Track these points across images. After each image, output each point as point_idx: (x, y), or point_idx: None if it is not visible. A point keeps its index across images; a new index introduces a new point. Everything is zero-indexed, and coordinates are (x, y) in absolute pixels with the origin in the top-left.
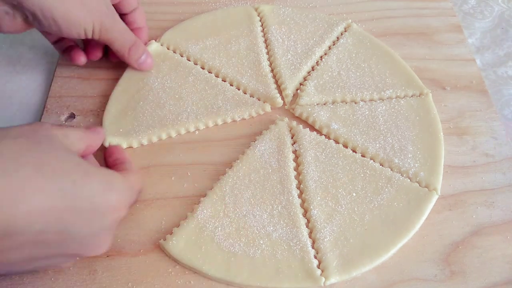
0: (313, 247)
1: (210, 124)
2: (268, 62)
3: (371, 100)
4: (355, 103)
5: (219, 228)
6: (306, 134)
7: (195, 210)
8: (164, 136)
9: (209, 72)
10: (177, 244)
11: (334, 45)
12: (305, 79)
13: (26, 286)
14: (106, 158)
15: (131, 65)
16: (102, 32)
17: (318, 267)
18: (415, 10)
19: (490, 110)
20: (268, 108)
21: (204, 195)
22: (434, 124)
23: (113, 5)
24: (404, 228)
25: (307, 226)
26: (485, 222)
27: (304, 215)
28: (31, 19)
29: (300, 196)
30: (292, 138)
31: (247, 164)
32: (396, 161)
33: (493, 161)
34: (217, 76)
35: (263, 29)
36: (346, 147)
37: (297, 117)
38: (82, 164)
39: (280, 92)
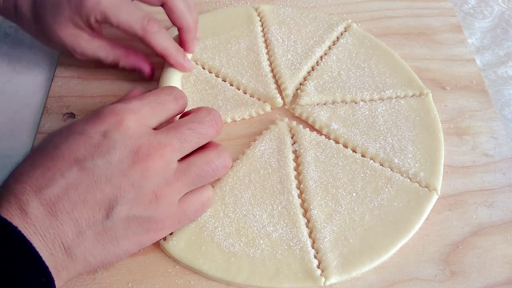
0: (313, 247)
1: None
2: (268, 62)
3: (371, 100)
4: (355, 103)
5: (219, 228)
6: (306, 134)
7: None
8: None
9: (209, 72)
10: (177, 244)
11: (334, 45)
12: (305, 79)
13: None
14: None
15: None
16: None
17: (318, 267)
18: (415, 10)
19: (490, 110)
20: (268, 108)
21: None
22: (434, 124)
23: None
24: (404, 228)
25: (307, 226)
26: (485, 222)
27: (304, 215)
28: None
29: (300, 196)
30: (292, 138)
31: (247, 164)
32: (396, 161)
33: (493, 161)
34: (217, 76)
35: (263, 29)
36: (346, 147)
37: (297, 117)
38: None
39: (280, 92)
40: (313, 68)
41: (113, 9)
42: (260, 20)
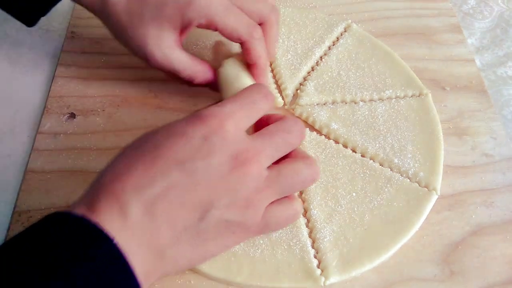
0: (313, 247)
1: None
2: (268, 62)
3: (371, 100)
4: (355, 103)
5: None
6: (306, 134)
7: None
8: None
9: None
10: None
11: (334, 45)
12: (305, 79)
13: None
14: None
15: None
16: None
17: (318, 266)
18: (415, 10)
19: (489, 110)
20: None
21: None
22: (434, 124)
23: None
24: (404, 228)
25: (307, 226)
26: (484, 222)
27: (304, 215)
28: None
29: (300, 196)
30: None
31: None
32: (396, 161)
33: (493, 161)
34: None
35: None
36: (346, 147)
37: (297, 117)
38: None
39: (280, 92)
40: (313, 68)
41: (222, 13)
42: None
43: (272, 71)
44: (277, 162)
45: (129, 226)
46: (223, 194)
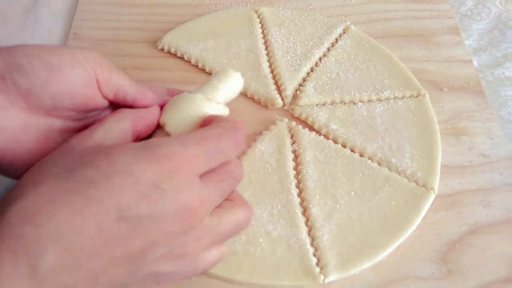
0: (312, 245)
1: None
2: (268, 63)
3: (369, 101)
4: (354, 104)
5: None
6: (305, 134)
7: None
8: None
9: (210, 73)
10: None
11: (333, 46)
12: (304, 80)
13: None
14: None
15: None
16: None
17: (317, 265)
18: (413, 12)
19: (487, 111)
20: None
21: None
22: (431, 125)
23: None
24: (402, 227)
25: (306, 225)
26: (481, 221)
27: (303, 213)
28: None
29: (299, 195)
30: (291, 138)
31: (247, 163)
32: (394, 161)
33: (490, 161)
34: None
35: (263, 31)
36: (345, 147)
37: (296, 117)
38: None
39: (280, 93)
40: (312, 70)
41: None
42: (260, 22)
43: (271, 72)
44: None
45: (38, 284)
46: (160, 246)
